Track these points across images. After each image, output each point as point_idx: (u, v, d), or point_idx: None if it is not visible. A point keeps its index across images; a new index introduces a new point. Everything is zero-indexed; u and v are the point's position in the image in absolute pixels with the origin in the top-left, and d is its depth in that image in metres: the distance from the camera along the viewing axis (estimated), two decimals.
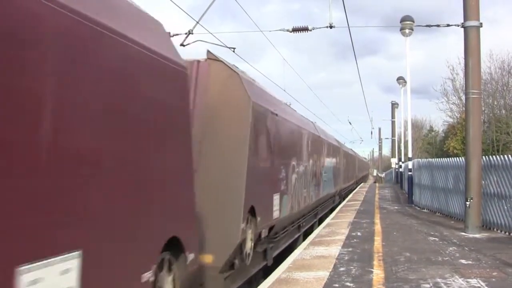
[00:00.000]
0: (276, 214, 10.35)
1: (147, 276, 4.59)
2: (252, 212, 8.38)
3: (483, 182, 13.14)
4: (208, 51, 8.06)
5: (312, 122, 19.04)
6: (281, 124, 10.94)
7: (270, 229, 10.22)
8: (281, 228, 11.56)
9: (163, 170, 5.11)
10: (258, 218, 8.71)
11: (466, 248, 10.35)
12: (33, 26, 3.18)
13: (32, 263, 3.08)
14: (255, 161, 8.56)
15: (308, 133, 15.36)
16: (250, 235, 8.53)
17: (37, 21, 3.21)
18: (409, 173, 24.27)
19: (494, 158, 13.40)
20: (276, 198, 10.39)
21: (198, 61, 7.96)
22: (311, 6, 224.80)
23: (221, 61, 8.05)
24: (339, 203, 25.40)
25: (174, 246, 5.22)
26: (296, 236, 14.36)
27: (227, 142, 7.76)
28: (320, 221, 18.39)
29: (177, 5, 9.93)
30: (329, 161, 21.60)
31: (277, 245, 11.49)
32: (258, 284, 8.35)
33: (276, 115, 10.40)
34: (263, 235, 9.62)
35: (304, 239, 13.62)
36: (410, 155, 25.94)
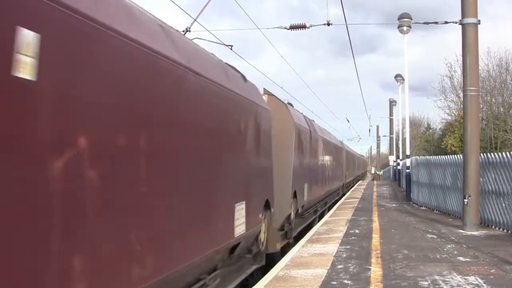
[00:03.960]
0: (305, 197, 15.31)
1: (261, 214, 9.50)
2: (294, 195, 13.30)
3: (481, 179, 13.14)
4: (264, 89, 11.91)
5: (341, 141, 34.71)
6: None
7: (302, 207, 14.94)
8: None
9: (264, 168, 9.79)
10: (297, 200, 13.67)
11: (464, 246, 10.35)
12: None
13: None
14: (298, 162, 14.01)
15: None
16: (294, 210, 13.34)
17: None
18: (407, 170, 24.27)
19: (492, 156, 13.40)
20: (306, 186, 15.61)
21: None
22: (310, 3, 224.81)
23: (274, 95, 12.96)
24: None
25: (266, 205, 9.96)
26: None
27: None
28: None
29: (174, 2, 9.88)
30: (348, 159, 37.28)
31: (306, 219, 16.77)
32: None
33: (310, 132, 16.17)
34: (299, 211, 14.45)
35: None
36: (408, 152, 25.97)
